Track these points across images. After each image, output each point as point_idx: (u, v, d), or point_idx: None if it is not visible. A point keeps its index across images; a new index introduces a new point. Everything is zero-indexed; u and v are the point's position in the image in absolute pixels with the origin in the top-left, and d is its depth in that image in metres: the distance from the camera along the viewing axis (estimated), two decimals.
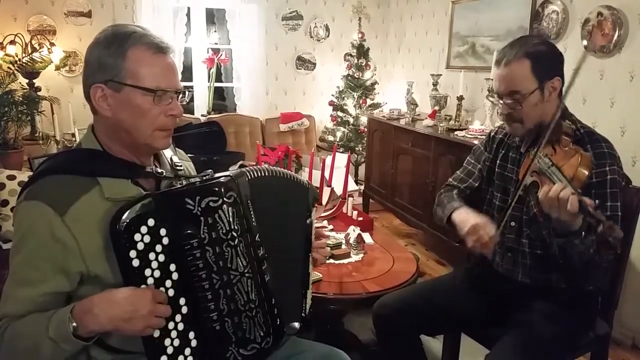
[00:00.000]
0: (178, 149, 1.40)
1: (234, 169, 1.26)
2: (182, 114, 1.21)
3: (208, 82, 5.06)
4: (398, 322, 1.73)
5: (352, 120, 5.01)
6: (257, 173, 1.23)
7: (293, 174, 1.33)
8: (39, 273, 1.06)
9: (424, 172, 3.76)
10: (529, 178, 1.49)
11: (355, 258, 2.23)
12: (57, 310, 1.03)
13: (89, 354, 1.13)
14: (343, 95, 5.01)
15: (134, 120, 1.13)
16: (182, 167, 1.32)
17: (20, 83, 4.04)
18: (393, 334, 1.76)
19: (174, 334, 1.09)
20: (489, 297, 1.73)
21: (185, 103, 1.24)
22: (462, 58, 4.17)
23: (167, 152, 1.32)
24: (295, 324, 1.27)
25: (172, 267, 1.09)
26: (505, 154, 1.77)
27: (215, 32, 5.84)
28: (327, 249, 1.49)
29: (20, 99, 3.50)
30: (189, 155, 1.47)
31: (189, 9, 4.86)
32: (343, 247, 2.28)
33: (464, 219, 1.63)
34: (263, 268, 1.17)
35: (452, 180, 1.93)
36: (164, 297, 1.08)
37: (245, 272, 1.13)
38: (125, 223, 1.05)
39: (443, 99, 4.11)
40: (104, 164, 1.16)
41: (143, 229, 1.06)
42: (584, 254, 1.39)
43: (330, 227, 2.56)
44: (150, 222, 1.07)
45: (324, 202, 2.57)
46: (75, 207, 1.07)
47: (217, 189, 1.10)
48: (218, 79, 5.27)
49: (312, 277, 1.42)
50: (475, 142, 3.13)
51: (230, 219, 1.10)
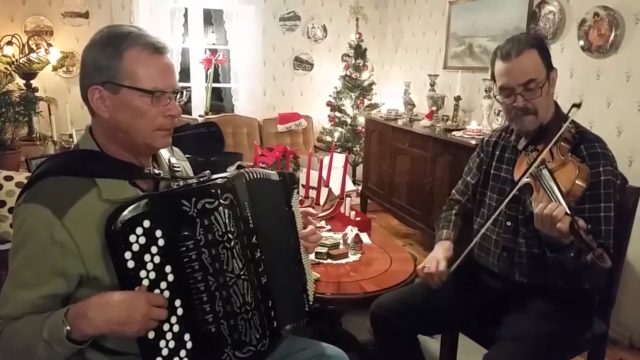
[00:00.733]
0: (175, 148, 1.40)
1: (232, 170, 1.25)
2: (180, 114, 1.21)
3: (206, 82, 5.06)
4: (395, 322, 1.73)
5: (349, 121, 5.01)
6: (253, 175, 1.23)
7: (263, 170, 1.30)
8: (38, 275, 1.06)
9: (422, 172, 3.76)
10: (524, 180, 1.49)
11: (353, 258, 2.23)
12: (52, 313, 1.03)
13: (85, 356, 1.13)
14: (341, 96, 5.01)
15: (133, 122, 1.13)
16: (179, 168, 1.32)
17: (18, 84, 4.03)
18: (390, 334, 1.76)
19: (169, 336, 1.09)
20: (487, 296, 1.73)
21: (183, 103, 1.24)
22: (459, 58, 4.17)
23: (164, 153, 1.32)
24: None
25: (167, 268, 1.09)
26: (501, 155, 1.77)
27: (213, 32, 5.84)
28: (318, 234, 1.46)
29: (18, 100, 3.49)
30: (187, 156, 1.47)
31: (187, 10, 4.85)
32: (341, 247, 2.28)
33: (435, 250, 1.76)
34: (260, 270, 1.17)
35: (454, 193, 1.96)
36: (160, 300, 1.07)
37: (242, 274, 1.13)
38: (121, 224, 1.05)
39: (440, 100, 4.11)
40: (102, 165, 1.15)
41: (138, 230, 1.06)
42: (577, 264, 1.39)
43: (328, 227, 2.57)
44: (146, 223, 1.07)
45: (322, 202, 2.57)
46: (74, 209, 1.07)
47: (213, 191, 1.10)
48: (216, 80, 5.27)
49: (307, 268, 1.40)
50: (473, 142, 3.14)
51: (227, 221, 1.10)
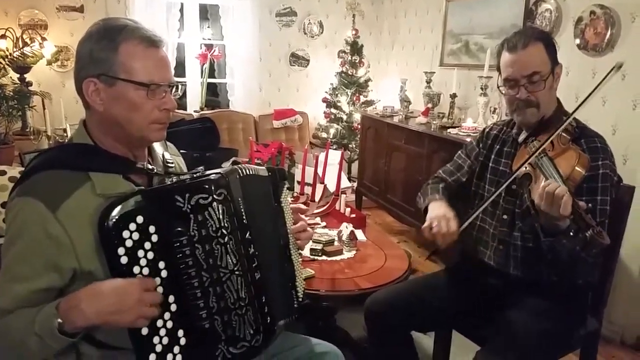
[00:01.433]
0: (169, 144, 1.39)
1: (227, 166, 1.25)
2: (175, 108, 1.21)
3: (201, 77, 5.04)
4: (389, 318, 1.73)
5: (345, 117, 5.00)
6: (246, 171, 1.22)
7: (253, 166, 1.29)
8: (32, 269, 1.05)
9: (417, 169, 3.77)
10: (523, 169, 1.49)
11: (348, 255, 2.23)
12: (43, 306, 1.03)
13: (78, 350, 1.13)
14: (337, 92, 5.00)
15: (128, 115, 1.13)
16: (173, 163, 1.31)
17: (11, 78, 4.00)
18: (384, 331, 1.77)
19: (163, 332, 1.09)
20: (480, 293, 1.74)
21: (178, 98, 1.23)
22: (455, 56, 4.17)
23: (158, 148, 1.32)
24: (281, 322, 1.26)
25: (161, 264, 1.09)
26: (500, 149, 1.78)
27: (209, 27, 5.82)
28: (309, 231, 1.44)
29: (11, 94, 3.48)
30: (182, 152, 1.46)
31: (182, 4, 4.84)
32: (336, 243, 2.28)
33: (436, 209, 1.67)
34: (254, 266, 1.17)
35: (441, 173, 1.94)
36: (151, 283, 1.06)
37: (235, 269, 1.12)
38: (114, 220, 1.04)
39: (436, 97, 4.11)
40: (96, 159, 1.15)
41: (132, 226, 1.05)
42: (572, 252, 1.41)
43: (323, 223, 2.56)
44: (139, 219, 1.06)
45: (317, 198, 2.57)
46: (68, 203, 1.07)
47: (207, 186, 1.10)
48: (211, 75, 5.25)
49: (297, 265, 1.39)
50: (468, 139, 3.14)
51: (220, 217, 1.10)
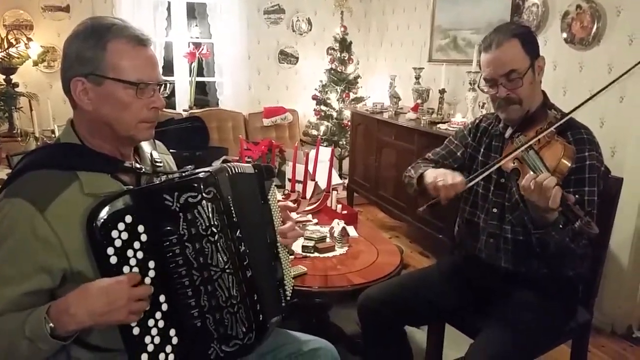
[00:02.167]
0: (158, 142, 1.38)
1: (217, 165, 1.24)
2: (164, 107, 1.21)
3: (190, 76, 5.01)
4: (382, 313, 1.74)
5: (335, 114, 5.00)
6: (235, 169, 1.22)
7: (239, 164, 1.29)
8: (21, 271, 1.04)
9: (407, 165, 3.66)
10: (511, 164, 1.50)
11: (340, 251, 2.24)
12: (33, 310, 1.02)
13: (69, 354, 1.12)
14: (326, 89, 5.00)
15: (116, 114, 1.12)
16: (162, 162, 1.30)
17: None
18: (377, 326, 1.77)
19: (155, 332, 1.08)
20: (472, 286, 1.75)
21: (167, 96, 1.23)
22: (443, 51, 4.18)
23: (146, 147, 1.31)
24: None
25: (151, 264, 1.08)
26: (489, 143, 1.78)
27: (197, 26, 5.78)
28: (297, 231, 1.45)
29: None
30: (172, 151, 1.45)
31: (169, 3, 4.80)
32: (328, 240, 2.28)
33: (437, 170, 1.65)
34: (245, 264, 1.16)
35: (431, 155, 1.93)
36: (138, 278, 1.06)
37: (226, 268, 1.12)
38: (102, 220, 1.03)
39: (425, 92, 4.12)
40: (84, 159, 1.14)
41: (120, 226, 1.05)
42: (561, 243, 1.42)
43: (315, 220, 2.56)
44: (128, 218, 1.05)
45: (308, 196, 2.56)
46: (56, 203, 1.06)
47: (195, 185, 1.09)
48: (200, 74, 5.23)
49: (286, 263, 1.39)
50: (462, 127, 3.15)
51: (210, 215, 1.09)
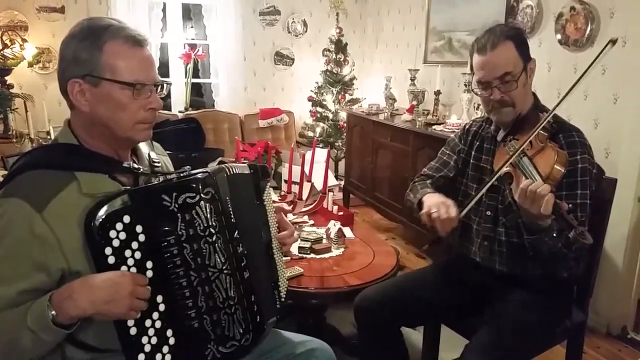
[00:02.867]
0: (155, 143, 1.39)
1: (213, 166, 1.24)
2: (161, 107, 1.21)
3: (185, 78, 5.01)
4: (378, 314, 1.74)
5: (331, 116, 5.01)
6: (233, 170, 1.22)
7: (236, 164, 1.29)
8: (17, 270, 1.04)
9: (403, 166, 3.78)
10: (504, 169, 1.51)
11: (336, 252, 2.24)
12: (34, 301, 1.02)
13: (65, 354, 1.12)
14: (322, 91, 5.01)
15: (114, 115, 1.12)
16: (159, 163, 1.31)
17: None
18: (374, 327, 1.77)
19: (152, 332, 1.08)
20: (468, 287, 1.75)
21: (164, 96, 1.23)
22: (439, 53, 4.20)
23: (144, 147, 1.31)
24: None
25: (148, 264, 1.08)
26: (480, 145, 1.79)
27: (192, 27, 5.77)
28: (294, 236, 1.45)
29: None
30: (167, 153, 1.45)
31: (165, 4, 4.80)
32: (324, 241, 2.28)
33: (433, 197, 1.65)
34: (242, 265, 1.16)
35: (426, 170, 1.94)
36: (143, 280, 1.07)
37: (224, 268, 1.12)
38: (100, 220, 1.03)
39: (421, 94, 4.13)
40: (82, 159, 1.14)
41: (118, 226, 1.05)
42: (553, 248, 1.43)
43: (311, 222, 2.56)
44: (126, 218, 1.05)
45: (305, 197, 2.57)
46: (54, 203, 1.06)
47: (194, 185, 1.09)
48: (195, 75, 5.22)
49: (280, 264, 1.39)
50: (453, 136, 3.16)
51: (208, 215, 1.10)
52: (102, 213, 1.04)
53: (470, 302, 1.73)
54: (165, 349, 1.10)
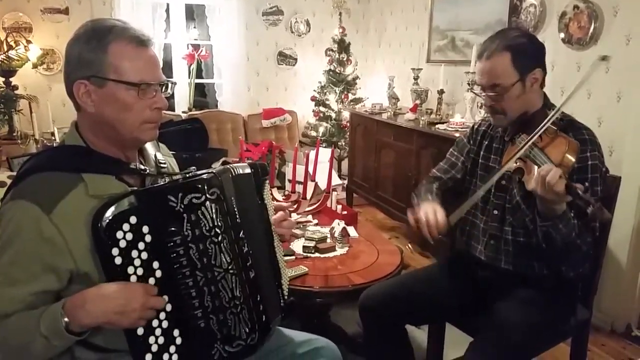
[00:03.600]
0: (161, 144, 1.39)
1: (217, 166, 1.25)
2: (167, 107, 1.21)
3: (189, 78, 5.02)
4: (383, 313, 1.75)
5: (334, 115, 5.01)
6: (236, 170, 1.23)
7: (238, 164, 1.30)
8: (28, 272, 1.05)
9: (406, 165, 3.79)
10: (514, 164, 1.50)
11: (341, 251, 2.25)
12: (47, 307, 1.03)
13: (74, 355, 1.13)
14: (325, 91, 5.01)
15: (119, 115, 1.13)
16: (165, 164, 1.31)
17: None
18: (378, 325, 1.78)
19: (159, 332, 1.09)
20: (473, 285, 1.76)
21: (169, 95, 1.24)
22: (442, 52, 4.19)
23: (150, 149, 1.32)
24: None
25: (155, 264, 1.09)
26: (489, 145, 1.79)
27: (195, 28, 5.78)
28: (290, 220, 1.46)
29: None
30: (171, 153, 1.46)
31: (168, 5, 4.82)
32: (328, 240, 2.29)
33: (425, 204, 1.68)
34: (248, 264, 1.17)
35: (435, 172, 1.94)
36: (153, 289, 1.08)
37: (230, 268, 1.13)
38: (107, 220, 1.04)
39: (424, 93, 4.13)
40: (89, 161, 1.15)
41: (125, 227, 1.05)
42: (567, 238, 1.42)
43: (315, 221, 2.58)
44: (133, 219, 1.06)
45: (309, 196, 2.57)
46: (62, 204, 1.07)
47: (199, 186, 1.10)
48: (199, 75, 5.23)
49: (281, 262, 1.39)
50: (457, 134, 3.17)
51: (214, 216, 1.10)
52: (109, 214, 1.04)
53: (475, 300, 1.74)
54: (172, 349, 1.11)
